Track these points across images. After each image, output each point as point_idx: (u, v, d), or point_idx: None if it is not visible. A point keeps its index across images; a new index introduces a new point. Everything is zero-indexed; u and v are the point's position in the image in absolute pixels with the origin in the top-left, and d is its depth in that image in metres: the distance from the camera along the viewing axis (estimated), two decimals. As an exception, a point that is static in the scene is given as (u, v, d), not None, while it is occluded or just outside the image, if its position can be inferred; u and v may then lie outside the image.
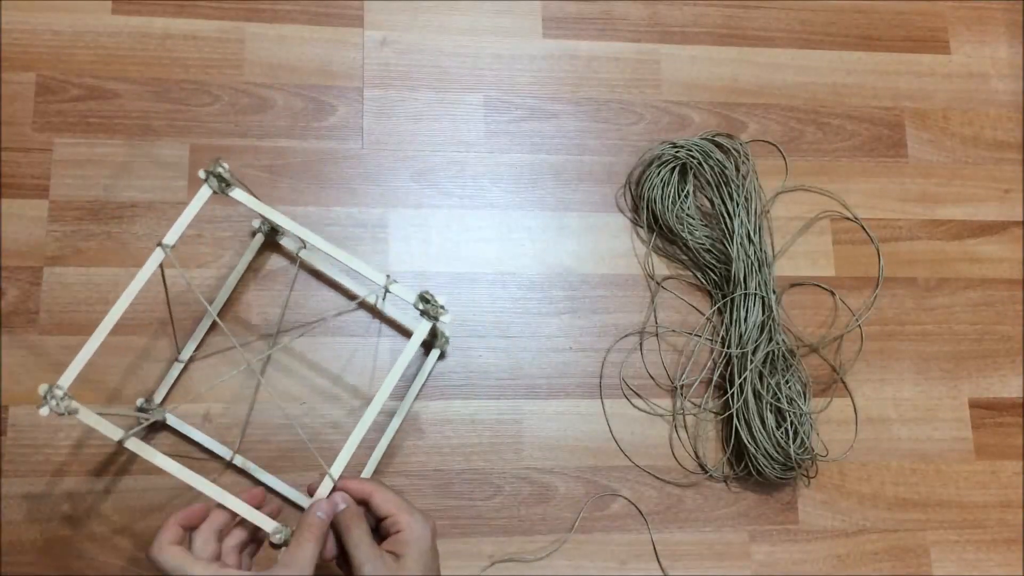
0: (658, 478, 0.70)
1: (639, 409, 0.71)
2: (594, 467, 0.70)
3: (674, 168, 0.73)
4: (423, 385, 0.69)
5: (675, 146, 0.74)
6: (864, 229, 0.77)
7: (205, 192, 0.55)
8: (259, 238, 0.70)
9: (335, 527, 0.52)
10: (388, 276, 0.56)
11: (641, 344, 0.73)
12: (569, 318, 0.72)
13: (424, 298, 0.54)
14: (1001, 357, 0.76)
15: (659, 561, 0.69)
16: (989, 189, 0.79)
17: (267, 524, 0.51)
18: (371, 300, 0.70)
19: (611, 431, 0.71)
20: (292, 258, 0.70)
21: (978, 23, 0.83)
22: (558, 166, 0.75)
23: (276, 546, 0.50)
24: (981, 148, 0.80)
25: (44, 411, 0.48)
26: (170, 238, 0.55)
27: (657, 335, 0.73)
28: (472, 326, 0.71)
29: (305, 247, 0.69)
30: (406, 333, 0.70)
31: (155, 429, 0.66)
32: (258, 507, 0.52)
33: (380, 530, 0.53)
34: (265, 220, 0.63)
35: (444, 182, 0.74)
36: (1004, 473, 0.74)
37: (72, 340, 0.67)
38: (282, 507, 0.63)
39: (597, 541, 0.68)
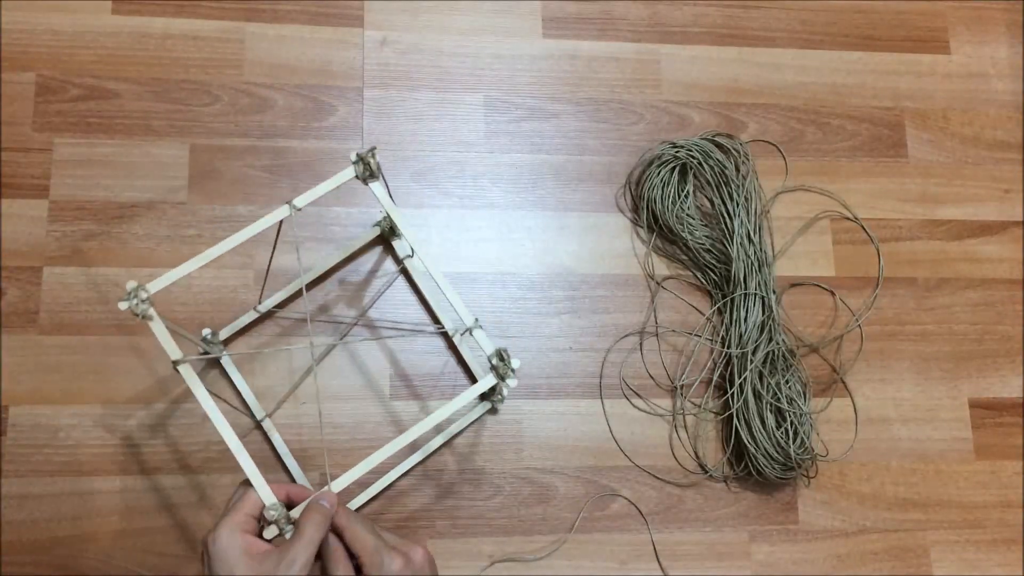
0: (658, 478, 0.70)
1: (639, 409, 0.71)
2: (594, 467, 0.70)
3: (674, 168, 0.73)
4: (458, 432, 0.69)
5: (675, 146, 0.74)
6: (864, 229, 0.77)
7: (348, 172, 0.56)
8: (375, 231, 0.70)
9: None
10: (476, 319, 0.56)
11: (641, 344, 0.73)
12: (569, 318, 0.72)
13: (500, 355, 0.54)
14: (1001, 357, 0.76)
15: (659, 561, 0.69)
16: (989, 189, 0.79)
17: (267, 497, 0.51)
18: (451, 333, 0.70)
19: (611, 431, 0.71)
20: (397, 260, 0.71)
21: (978, 23, 0.83)
22: (558, 166, 0.75)
23: (267, 522, 0.50)
24: (981, 148, 0.80)
25: (123, 305, 0.50)
26: (300, 200, 0.55)
27: (657, 335, 0.73)
28: (472, 326, 0.71)
29: (412, 256, 0.70)
30: (469, 372, 0.70)
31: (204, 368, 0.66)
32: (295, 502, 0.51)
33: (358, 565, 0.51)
34: (388, 217, 0.64)
35: (444, 182, 0.74)
36: (1004, 473, 0.74)
37: (72, 340, 0.67)
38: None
39: (597, 541, 0.68)
